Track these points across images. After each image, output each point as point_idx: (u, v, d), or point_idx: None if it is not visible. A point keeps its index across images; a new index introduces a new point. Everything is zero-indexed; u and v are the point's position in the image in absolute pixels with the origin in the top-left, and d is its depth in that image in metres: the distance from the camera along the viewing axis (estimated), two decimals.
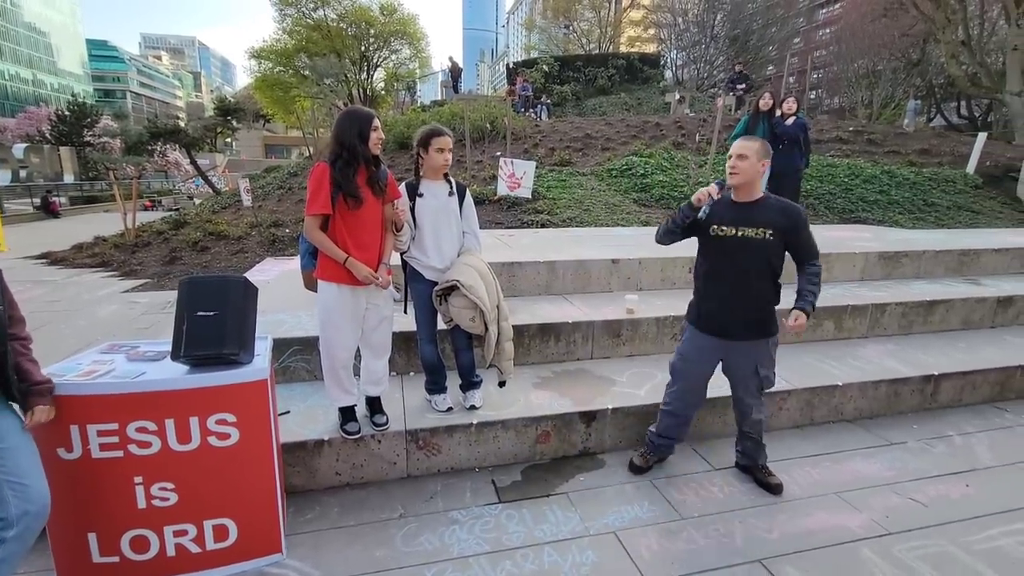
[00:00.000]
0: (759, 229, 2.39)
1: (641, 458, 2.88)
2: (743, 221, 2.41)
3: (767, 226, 2.39)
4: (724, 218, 2.45)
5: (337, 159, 2.42)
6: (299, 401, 3.06)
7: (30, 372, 1.79)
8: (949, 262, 5.54)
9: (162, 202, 27.80)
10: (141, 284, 6.62)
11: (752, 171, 2.37)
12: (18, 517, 1.67)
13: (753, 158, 2.36)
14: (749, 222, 2.40)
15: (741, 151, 2.37)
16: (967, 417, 3.60)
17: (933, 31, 17.67)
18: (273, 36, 28.79)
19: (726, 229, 2.44)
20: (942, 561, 2.26)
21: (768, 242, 2.40)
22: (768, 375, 2.63)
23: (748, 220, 2.41)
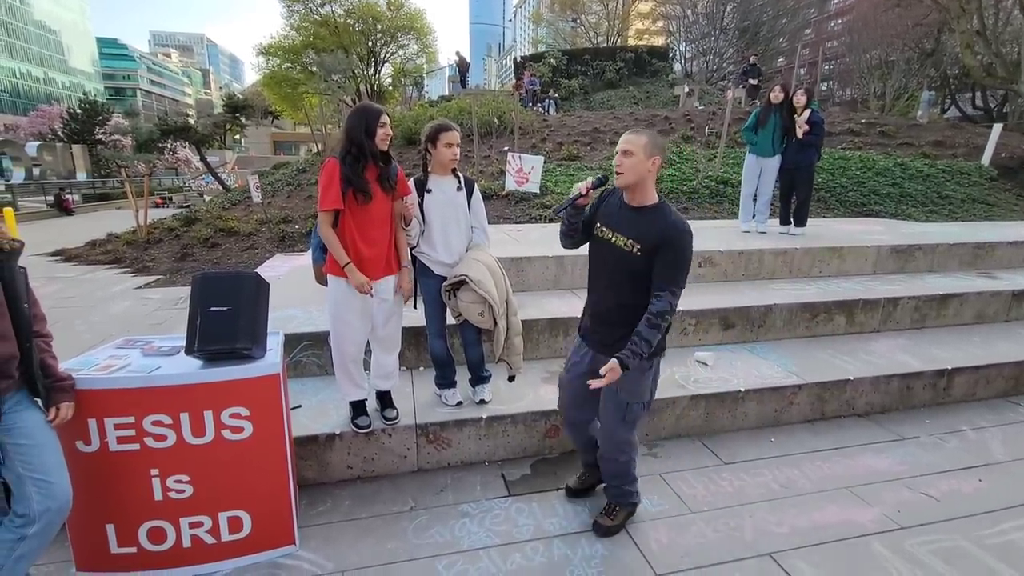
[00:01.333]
0: (628, 240, 2.04)
1: (577, 480, 2.63)
2: (621, 227, 2.08)
3: (638, 239, 2.02)
4: (607, 219, 2.14)
5: (347, 155, 2.43)
6: (310, 395, 3.09)
7: (52, 368, 1.83)
8: (963, 255, 5.47)
9: (173, 199, 28.04)
10: (153, 280, 6.70)
11: (640, 169, 2.00)
12: (40, 513, 1.70)
13: (640, 154, 1.98)
14: (625, 230, 2.06)
15: (626, 146, 2.01)
16: (981, 412, 3.57)
17: (947, 20, 17.37)
18: (281, 32, 28.88)
19: (605, 231, 2.14)
20: (954, 555, 2.24)
21: (636, 257, 2.03)
22: (630, 403, 2.19)
23: (625, 227, 2.07)
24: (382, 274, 2.60)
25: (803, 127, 5.40)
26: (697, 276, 4.77)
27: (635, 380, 2.16)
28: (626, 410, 2.20)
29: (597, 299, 2.25)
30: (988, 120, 19.20)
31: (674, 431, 3.20)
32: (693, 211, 7.81)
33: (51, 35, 75.45)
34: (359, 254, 2.49)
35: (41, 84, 72.25)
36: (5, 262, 1.69)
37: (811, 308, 4.17)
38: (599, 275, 2.20)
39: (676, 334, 3.91)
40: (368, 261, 2.52)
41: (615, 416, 2.23)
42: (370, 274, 2.53)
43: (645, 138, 2.01)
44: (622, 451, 2.30)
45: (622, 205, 2.12)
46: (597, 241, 2.18)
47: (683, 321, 3.91)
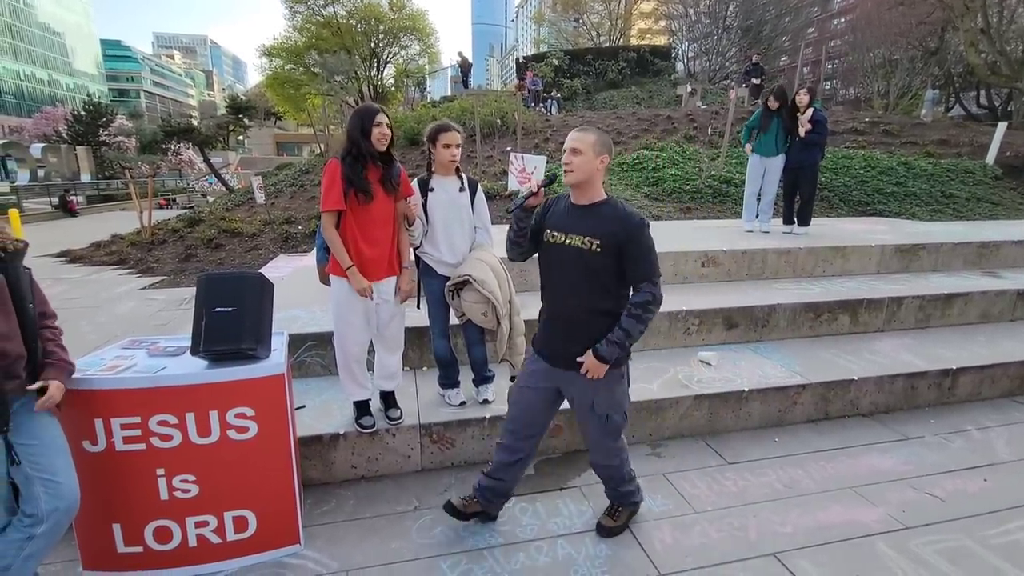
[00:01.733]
0: (586, 238, 1.98)
1: (461, 500, 2.39)
2: (574, 227, 2.01)
3: (595, 235, 1.96)
4: (558, 222, 2.06)
5: (347, 155, 2.45)
6: (314, 396, 3.10)
7: (56, 353, 1.83)
8: (968, 255, 5.45)
9: (176, 200, 28.16)
10: (158, 281, 6.73)
11: (589, 167, 1.97)
12: (48, 513, 1.71)
13: (589, 153, 1.96)
14: (579, 229, 2.00)
15: (574, 144, 1.97)
16: (986, 411, 3.55)
17: (951, 19, 17.28)
18: (284, 33, 28.95)
19: (557, 235, 2.04)
20: (959, 555, 2.24)
21: (595, 254, 1.96)
22: (611, 415, 2.14)
23: (579, 226, 2.01)
24: (384, 275, 2.60)
25: (806, 126, 5.39)
26: (700, 276, 4.77)
27: (610, 391, 2.12)
28: (607, 423, 2.16)
29: (556, 308, 2.13)
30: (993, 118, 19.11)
31: (677, 431, 3.20)
32: (696, 211, 7.80)
33: (55, 37, 75.81)
34: (361, 254, 2.50)
35: (45, 86, 72.61)
36: (10, 262, 1.71)
37: (815, 308, 4.16)
38: (556, 282, 2.10)
39: (679, 334, 3.91)
40: (370, 262, 2.53)
41: (599, 430, 2.19)
42: (372, 275, 2.54)
43: (593, 136, 1.99)
44: (612, 457, 2.28)
45: (570, 206, 2.08)
46: (549, 247, 2.09)
47: (686, 321, 3.91)
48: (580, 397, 2.17)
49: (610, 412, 2.14)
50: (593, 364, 1.99)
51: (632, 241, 1.95)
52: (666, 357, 3.73)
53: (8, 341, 1.68)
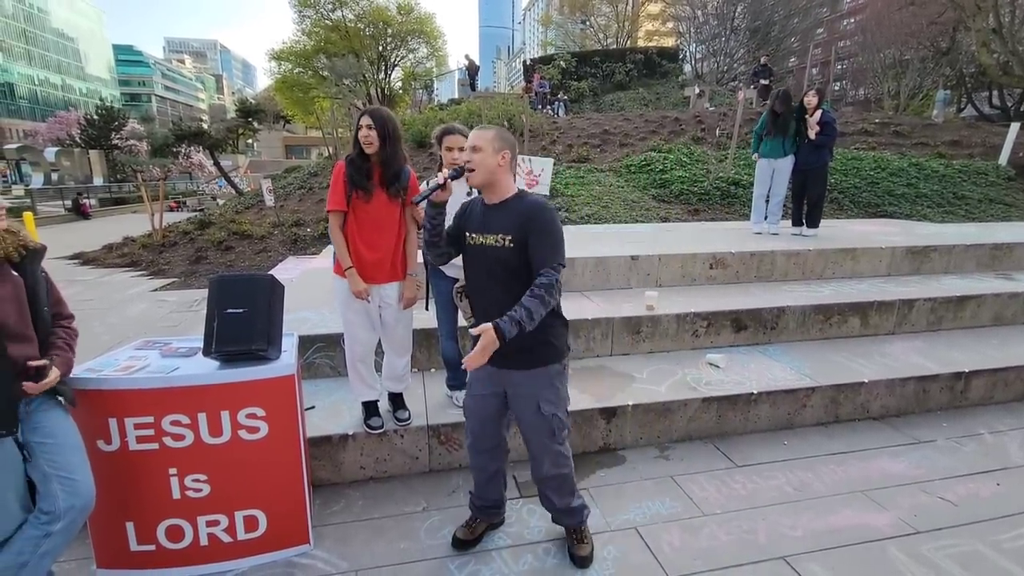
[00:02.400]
0: (499, 235, 1.96)
1: (466, 530, 2.33)
2: (488, 226, 2.00)
3: (506, 231, 1.94)
4: (475, 223, 2.04)
5: (350, 156, 2.50)
6: (324, 397, 3.12)
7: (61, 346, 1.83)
8: (980, 256, 5.39)
9: (187, 203, 28.47)
10: (169, 283, 6.81)
11: (490, 164, 1.94)
12: (65, 510, 1.73)
13: (488, 149, 1.93)
14: (493, 227, 1.98)
15: (473, 142, 1.94)
16: (999, 415, 3.51)
17: (963, 19, 17.12)
18: (292, 37, 29.19)
19: (475, 236, 2.03)
20: (971, 560, 2.21)
21: (509, 250, 1.94)
22: (556, 414, 2.07)
23: (492, 225, 1.99)
24: (385, 279, 2.61)
25: (814, 128, 5.36)
26: (709, 278, 4.75)
27: (555, 388, 2.07)
28: (551, 422, 2.07)
29: (484, 307, 2.07)
30: (1005, 119, 18.89)
31: (685, 433, 3.19)
32: (704, 212, 7.77)
33: (68, 42, 76.91)
34: (360, 257, 2.52)
35: (59, 91, 73.67)
36: (28, 265, 1.73)
37: (824, 310, 4.14)
38: (483, 285, 2.07)
39: (687, 336, 3.90)
40: (370, 265, 2.54)
41: (544, 433, 2.10)
42: (372, 278, 2.55)
43: (492, 132, 1.97)
44: (563, 464, 2.15)
45: (484, 207, 2.06)
46: (471, 251, 2.07)
47: (694, 323, 3.90)
48: (522, 397, 2.08)
49: (555, 411, 2.08)
50: (489, 337, 1.81)
51: (536, 222, 1.92)
52: (674, 359, 3.72)
53: (26, 343, 1.71)
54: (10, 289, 1.67)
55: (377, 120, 2.43)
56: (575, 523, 2.26)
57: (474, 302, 2.15)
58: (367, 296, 2.52)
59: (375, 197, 2.49)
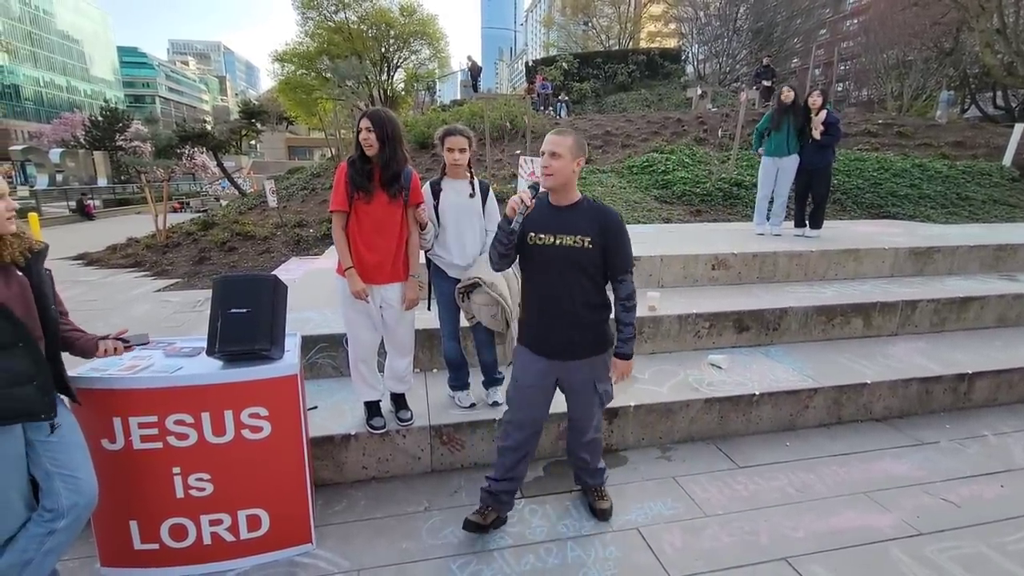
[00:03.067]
0: (577, 236, 2.08)
1: (479, 515, 2.37)
2: (562, 227, 2.10)
3: (584, 232, 2.08)
4: (541, 225, 2.13)
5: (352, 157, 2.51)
6: (326, 397, 3.13)
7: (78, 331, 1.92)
8: (984, 258, 5.37)
9: (190, 204, 28.56)
10: (172, 284, 6.83)
11: (567, 170, 2.07)
12: (68, 508, 1.75)
13: (567, 156, 2.05)
14: (567, 229, 2.10)
15: (553, 148, 2.06)
16: (1003, 416, 3.50)
17: (966, 19, 17.07)
18: (295, 39, 29.32)
19: (544, 237, 2.12)
20: (975, 562, 2.21)
21: (587, 251, 2.09)
22: (607, 389, 2.34)
23: (567, 226, 2.10)
24: (386, 280, 2.61)
25: (819, 128, 5.35)
26: (711, 279, 4.75)
27: (603, 367, 2.30)
28: (603, 396, 2.35)
29: (550, 306, 2.18)
30: (1010, 120, 18.81)
31: (687, 434, 3.19)
32: (707, 213, 7.77)
33: (73, 44, 77.30)
34: (361, 258, 2.53)
35: (64, 92, 74.05)
36: (33, 264, 1.74)
37: (827, 311, 4.13)
38: (549, 282, 2.15)
39: (689, 337, 3.90)
40: (371, 266, 2.55)
41: (595, 405, 2.36)
42: (373, 279, 2.56)
43: (570, 139, 2.08)
44: (600, 429, 2.49)
45: (552, 209, 2.16)
46: (539, 251, 2.14)
47: (696, 324, 3.90)
48: (583, 382, 2.29)
49: (607, 387, 2.35)
50: (623, 366, 2.23)
51: (617, 232, 2.12)
52: (676, 360, 3.71)
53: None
54: (17, 290, 1.68)
55: (376, 122, 2.44)
56: (599, 482, 2.56)
57: (532, 299, 2.26)
58: (365, 296, 2.53)
59: (376, 198, 2.50)
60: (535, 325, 2.26)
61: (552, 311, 2.19)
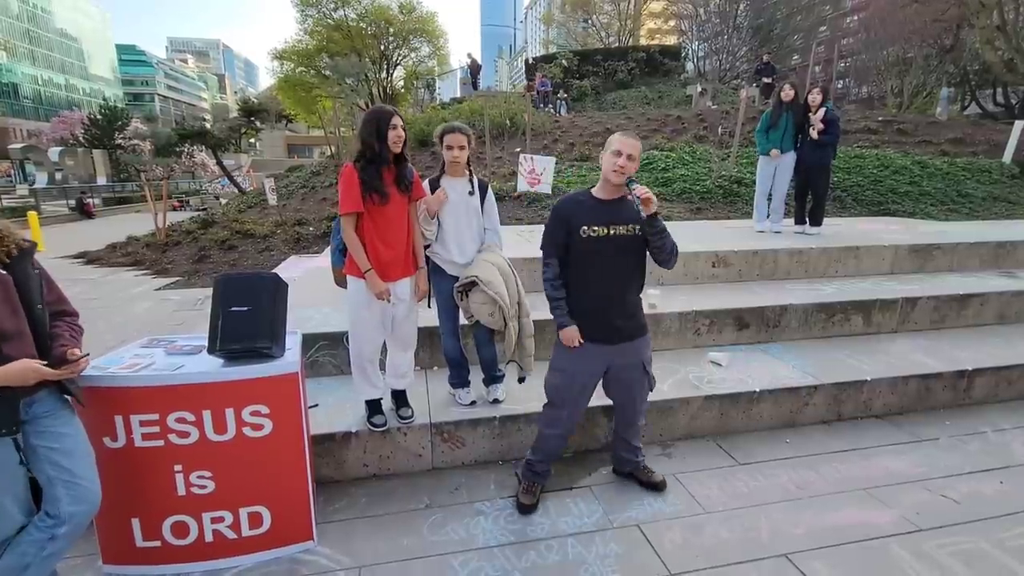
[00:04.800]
0: (628, 226, 2.30)
1: (528, 495, 2.56)
2: (615, 219, 2.30)
3: (634, 222, 2.29)
4: (593, 219, 2.29)
5: (360, 158, 2.48)
6: (327, 394, 3.13)
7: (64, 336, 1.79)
8: (984, 255, 5.37)
9: (190, 202, 28.55)
10: (173, 282, 6.83)
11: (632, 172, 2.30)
12: (70, 515, 1.73)
13: (638, 158, 2.33)
14: (620, 220, 2.30)
15: (631, 151, 2.26)
16: (1003, 413, 3.50)
17: (967, 16, 17.04)
18: (295, 37, 29.25)
19: (597, 230, 2.28)
20: (974, 558, 2.21)
21: (638, 238, 2.31)
22: (651, 370, 2.53)
23: (619, 218, 2.30)
24: (400, 275, 2.64)
25: (818, 126, 5.35)
26: (711, 276, 4.75)
27: (647, 348, 2.50)
28: (652, 379, 2.56)
29: (604, 293, 2.35)
30: (1009, 117, 18.78)
31: (688, 432, 3.19)
32: (707, 211, 7.76)
33: (72, 43, 77.10)
34: (379, 256, 2.54)
35: (62, 91, 73.89)
36: (17, 264, 1.68)
37: (827, 308, 4.13)
38: (603, 271, 2.33)
39: (689, 334, 3.90)
40: (388, 263, 2.57)
41: (644, 388, 2.57)
42: (389, 275, 2.57)
43: (640, 144, 2.35)
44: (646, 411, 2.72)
45: (600, 203, 2.35)
46: (590, 242, 2.29)
47: (696, 321, 3.90)
48: (632, 365, 2.46)
49: (650, 368, 2.54)
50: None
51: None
52: (676, 358, 3.72)
53: (20, 341, 1.65)
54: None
55: (403, 120, 2.53)
56: (641, 460, 2.75)
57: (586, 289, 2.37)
58: (388, 296, 2.54)
59: (390, 196, 2.51)
60: (590, 313, 2.38)
61: (609, 297, 2.36)
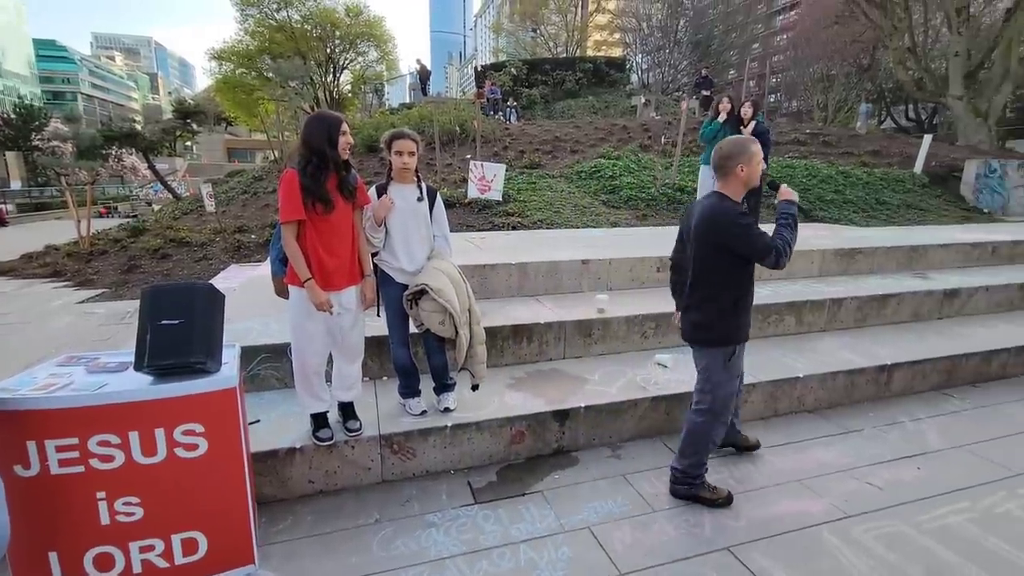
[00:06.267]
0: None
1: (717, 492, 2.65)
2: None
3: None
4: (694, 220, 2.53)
5: (307, 164, 2.40)
6: (269, 409, 3.00)
7: None
8: (900, 258, 5.83)
9: (118, 209, 26.77)
10: (98, 294, 6.36)
11: None
12: None
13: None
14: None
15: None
16: (918, 404, 3.80)
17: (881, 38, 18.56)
18: (235, 37, 28.10)
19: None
20: (896, 540, 2.38)
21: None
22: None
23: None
24: (345, 284, 2.57)
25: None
26: (657, 280, 4.91)
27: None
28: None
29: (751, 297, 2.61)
30: (920, 131, 20.57)
31: (636, 432, 3.27)
32: (652, 217, 8.03)
33: None
34: (322, 264, 2.46)
35: None
36: None
37: (763, 310, 4.35)
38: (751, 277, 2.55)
39: (637, 337, 4.01)
40: (332, 272, 2.49)
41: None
42: (334, 284, 2.50)
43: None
44: None
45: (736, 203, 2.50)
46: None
47: (643, 324, 4.02)
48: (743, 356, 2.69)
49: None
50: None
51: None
52: (624, 361, 3.81)
53: None
54: None
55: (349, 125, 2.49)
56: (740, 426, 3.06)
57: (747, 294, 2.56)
58: (330, 307, 2.46)
59: (334, 203, 2.44)
60: (745, 315, 2.57)
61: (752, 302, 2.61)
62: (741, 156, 2.36)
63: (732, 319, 2.51)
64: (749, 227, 2.34)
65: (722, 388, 2.58)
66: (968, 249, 6.16)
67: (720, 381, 2.57)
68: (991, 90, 15.53)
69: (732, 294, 2.48)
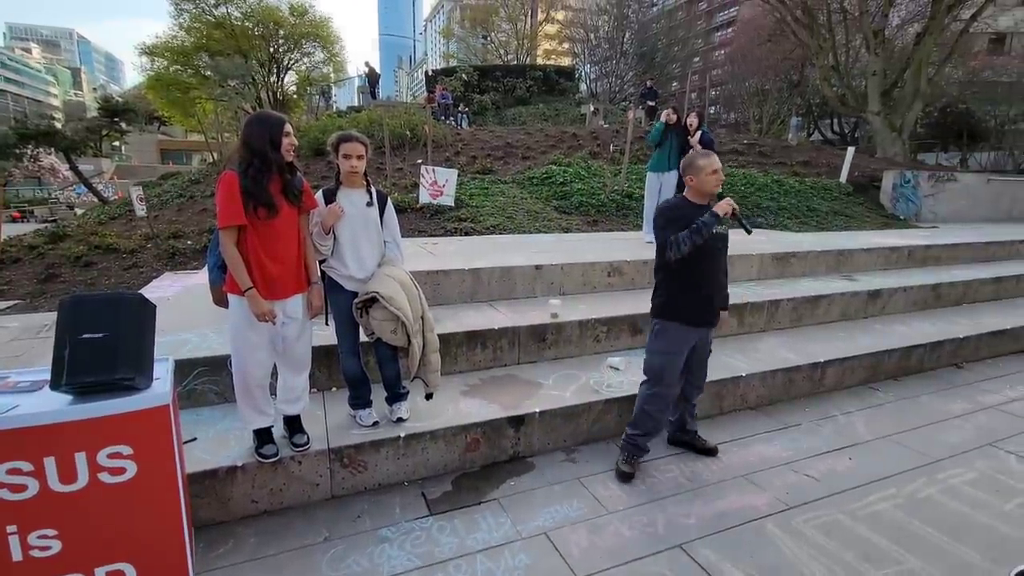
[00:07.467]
0: (724, 226, 2.78)
1: (629, 466, 2.93)
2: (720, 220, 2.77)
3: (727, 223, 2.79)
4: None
5: (248, 167, 2.28)
6: (207, 426, 2.83)
7: None
8: (829, 261, 6.22)
9: (35, 212, 24.63)
10: (10, 306, 5.81)
11: None
12: None
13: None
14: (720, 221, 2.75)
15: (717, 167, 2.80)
16: (848, 398, 4.05)
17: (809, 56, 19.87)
18: (168, 32, 26.56)
19: (718, 228, 2.74)
20: (832, 528, 2.52)
21: (727, 235, 2.86)
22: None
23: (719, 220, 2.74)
24: (291, 292, 2.46)
25: (696, 147, 5.88)
26: (608, 285, 5.01)
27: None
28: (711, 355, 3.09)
29: (712, 284, 2.83)
30: (844, 143, 22.13)
31: (590, 436, 3.31)
32: (602, 223, 8.20)
33: None
34: (265, 272, 2.34)
35: None
36: None
37: None
38: (714, 265, 2.83)
39: (589, 341, 4.07)
40: (276, 279, 2.38)
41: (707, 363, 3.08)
42: (278, 292, 2.39)
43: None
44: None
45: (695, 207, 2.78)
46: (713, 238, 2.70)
47: (595, 328, 4.08)
48: (706, 344, 2.99)
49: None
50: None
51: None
52: (578, 364, 3.85)
53: None
54: None
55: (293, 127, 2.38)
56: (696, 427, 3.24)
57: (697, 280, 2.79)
58: (272, 318, 2.34)
59: (278, 208, 2.33)
60: (698, 301, 2.80)
61: (713, 286, 2.84)
62: (689, 169, 2.84)
63: (664, 296, 2.87)
64: (666, 221, 2.76)
65: (653, 357, 2.92)
66: (888, 253, 6.66)
67: (652, 350, 2.94)
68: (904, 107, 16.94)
69: (665, 273, 2.85)
